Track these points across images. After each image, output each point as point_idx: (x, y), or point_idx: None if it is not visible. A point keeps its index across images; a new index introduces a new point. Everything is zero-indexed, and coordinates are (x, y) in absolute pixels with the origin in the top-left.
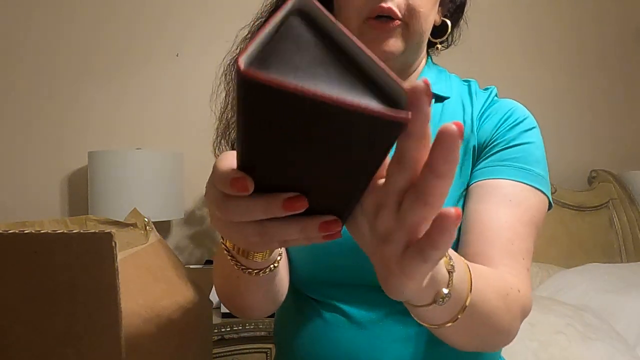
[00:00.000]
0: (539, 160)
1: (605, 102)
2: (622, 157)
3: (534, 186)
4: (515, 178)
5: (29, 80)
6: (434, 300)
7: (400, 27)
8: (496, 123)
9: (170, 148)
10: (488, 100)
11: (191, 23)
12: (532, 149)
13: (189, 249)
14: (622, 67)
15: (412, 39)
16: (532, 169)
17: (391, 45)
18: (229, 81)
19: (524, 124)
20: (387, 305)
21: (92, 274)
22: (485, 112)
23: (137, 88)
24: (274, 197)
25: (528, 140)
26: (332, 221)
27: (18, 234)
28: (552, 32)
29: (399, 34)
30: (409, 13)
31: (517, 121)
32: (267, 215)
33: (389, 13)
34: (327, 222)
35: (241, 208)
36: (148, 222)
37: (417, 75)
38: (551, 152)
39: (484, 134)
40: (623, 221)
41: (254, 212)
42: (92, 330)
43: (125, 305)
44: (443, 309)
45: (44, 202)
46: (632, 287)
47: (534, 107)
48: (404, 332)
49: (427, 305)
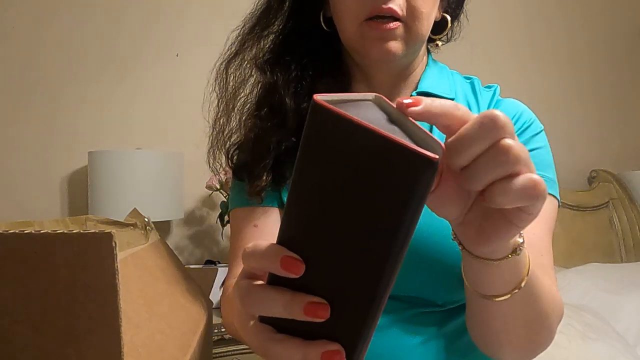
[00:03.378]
0: (550, 163)
1: (605, 102)
2: (622, 157)
3: (550, 193)
4: None
5: (29, 81)
6: (512, 250)
7: (401, 28)
8: None
9: (170, 148)
10: (493, 99)
11: (191, 23)
12: (544, 154)
13: (189, 249)
14: (623, 67)
15: (413, 41)
16: (547, 175)
17: (392, 46)
18: (222, 87)
19: (533, 128)
20: (393, 312)
21: (92, 274)
22: None
23: (137, 88)
24: (298, 296)
25: (538, 145)
26: (336, 352)
27: (18, 234)
28: (553, 32)
29: (399, 35)
30: (410, 14)
31: (525, 125)
32: (286, 313)
33: (389, 13)
34: (330, 352)
35: (262, 298)
36: (148, 222)
37: (418, 76)
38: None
39: None
40: (623, 221)
41: (273, 307)
42: (92, 330)
43: (125, 305)
44: (510, 273)
45: (44, 202)
46: (632, 287)
47: (534, 107)
48: (411, 340)
49: (506, 257)
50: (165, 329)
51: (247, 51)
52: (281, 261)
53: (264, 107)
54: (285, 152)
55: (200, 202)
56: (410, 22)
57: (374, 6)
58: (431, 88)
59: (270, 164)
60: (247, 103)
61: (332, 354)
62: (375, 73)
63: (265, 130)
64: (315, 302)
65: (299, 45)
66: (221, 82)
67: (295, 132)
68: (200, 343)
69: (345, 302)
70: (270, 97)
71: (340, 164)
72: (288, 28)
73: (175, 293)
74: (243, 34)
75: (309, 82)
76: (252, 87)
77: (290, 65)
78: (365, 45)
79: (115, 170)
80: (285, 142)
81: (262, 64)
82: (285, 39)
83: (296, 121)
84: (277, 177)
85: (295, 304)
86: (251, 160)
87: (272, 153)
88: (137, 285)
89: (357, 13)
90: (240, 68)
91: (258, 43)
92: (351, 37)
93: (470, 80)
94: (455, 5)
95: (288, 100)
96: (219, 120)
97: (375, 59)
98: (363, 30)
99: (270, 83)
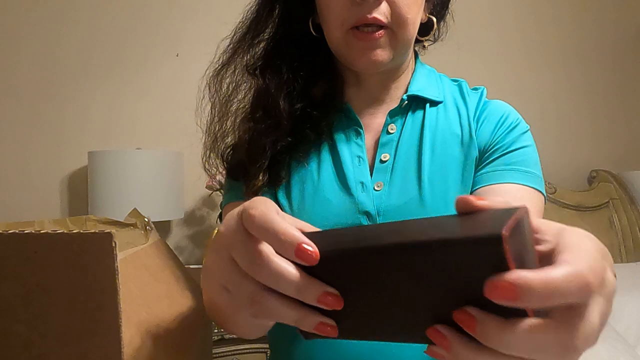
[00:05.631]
0: (537, 161)
1: (605, 102)
2: (622, 157)
3: (537, 188)
4: (522, 182)
5: (29, 81)
6: None
7: (386, 35)
8: (493, 127)
9: (170, 148)
10: (480, 101)
11: (191, 23)
12: (531, 152)
13: (189, 249)
14: (623, 67)
15: (400, 47)
16: (534, 172)
17: (378, 55)
18: (214, 93)
19: (520, 127)
20: None
21: (92, 274)
22: (480, 115)
23: (137, 88)
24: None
25: (526, 143)
26: (331, 327)
27: (18, 234)
28: (552, 32)
29: (385, 42)
30: (395, 20)
31: (512, 125)
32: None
33: (374, 22)
34: (324, 324)
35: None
36: (148, 222)
37: (406, 79)
38: (551, 152)
39: (482, 139)
40: (623, 221)
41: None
42: (92, 330)
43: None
44: None
45: (44, 202)
46: (632, 287)
47: (534, 107)
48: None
49: None
50: (165, 329)
51: (239, 59)
52: (296, 249)
53: (258, 111)
54: (280, 152)
55: (200, 202)
56: (396, 28)
57: (359, 16)
58: (421, 91)
59: (266, 164)
60: (241, 108)
61: (326, 326)
62: (365, 77)
63: (260, 132)
64: (330, 294)
65: (290, 51)
66: (213, 89)
67: (290, 133)
68: (200, 343)
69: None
70: (264, 101)
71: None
72: (279, 35)
73: (175, 293)
74: (234, 42)
75: (301, 83)
76: (245, 92)
77: (282, 69)
78: (352, 54)
79: (115, 170)
80: (280, 142)
81: (253, 69)
82: (276, 46)
83: (290, 122)
84: (273, 176)
85: (310, 292)
86: (247, 160)
87: (268, 153)
88: (137, 285)
89: (343, 21)
90: (233, 75)
91: (249, 50)
92: (338, 44)
93: (458, 82)
94: (440, 7)
95: (282, 103)
96: (213, 125)
97: (361, 68)
98: (349, 39)
99: (263, 87)
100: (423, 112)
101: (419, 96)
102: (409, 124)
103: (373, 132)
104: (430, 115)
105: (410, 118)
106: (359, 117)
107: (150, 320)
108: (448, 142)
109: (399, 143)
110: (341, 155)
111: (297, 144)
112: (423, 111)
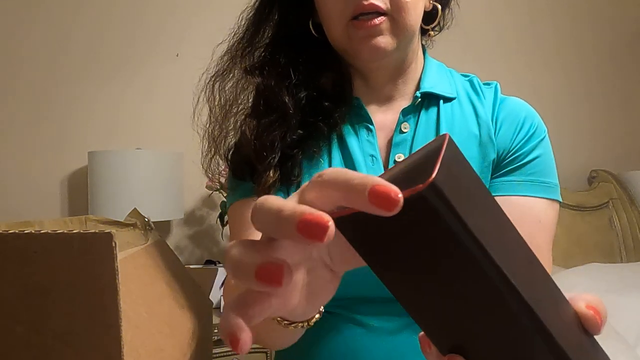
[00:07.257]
0: (553, 168)
1: (605, 102)
2: (622, 157)
3: (554, 199)
4: (540, 195)
5: (29, 81)
6: None
7: (387, 22)
8: (513, 132)
9: (170, 148)
10: (497, 99)
11: (191, 23)
12: (548, 160)
13: (189, 249)
14: (622, 67)
15: (402, 33)
16: (551, 181)
17: (380, 42)
18: (209, 97)
19: (538, 132)
20: (405, 316)
21: (92, 274)
22: (498, 115)
23: (137, 88)
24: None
25: (544, 151)
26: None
27: (18, 234)
28: (553, 32)
29: (386, 29)
30: (394, 6)
31: (530, 132)
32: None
33: (373, 9)
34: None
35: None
36: (148, 222)
37: (415, 74)
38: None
39: (502, 143)
40: (623, 221)
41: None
42: (92, 330)
43: (125, 305)
44: None
45: (44, 202)
46: (632, 287)
47: (534, 107)
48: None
49: None
50: (165, 329)
51: (239, 61)
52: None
53: (261, 107)
54: (290, 146)
55: (200, 202)
56: (395, 14)
57: (356, 4)
58: (434, 88)
59: (277, 159)
60: (242, 108)
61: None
62: (371, 73)
63: (265, 127)
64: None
65: (290, 50)
66: (211, 96)
67: (300, 125)
68: (200, 343)
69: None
70: (265, 95)
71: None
72: (278, 38)
73: (175, 293)
74: (230, 47)
75: (303, 72)
76: (247, 95)
77: (280, 63)
78: (354, 45)
79: (115, 170)
80: (290, 135)
81: (253, 69)
82: (276, 48)
83: (298, 113)
84: (285, 174)
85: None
86: (255, 157)
87: (277, 148)
88: (137, 285)
89: (341, 13)
90: (233, 79)
91: (249, 53)
92: (339, 39)
93: (469, 77)
94: None
95: (284, 93)
96: (213, 129)
97: (365, 58)
98: (349, 30)
99: (262, 83)
100: (437, 109)
101: (432, 93)
102: (423, 123)
103: (384, 131)
104: (445, 112)
105: (423, 116)
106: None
107: (150, 320)
108: (465, 141)
109: (413, 142)
110: (352, 153)
111: (307, 137)
112: (437, 108)
